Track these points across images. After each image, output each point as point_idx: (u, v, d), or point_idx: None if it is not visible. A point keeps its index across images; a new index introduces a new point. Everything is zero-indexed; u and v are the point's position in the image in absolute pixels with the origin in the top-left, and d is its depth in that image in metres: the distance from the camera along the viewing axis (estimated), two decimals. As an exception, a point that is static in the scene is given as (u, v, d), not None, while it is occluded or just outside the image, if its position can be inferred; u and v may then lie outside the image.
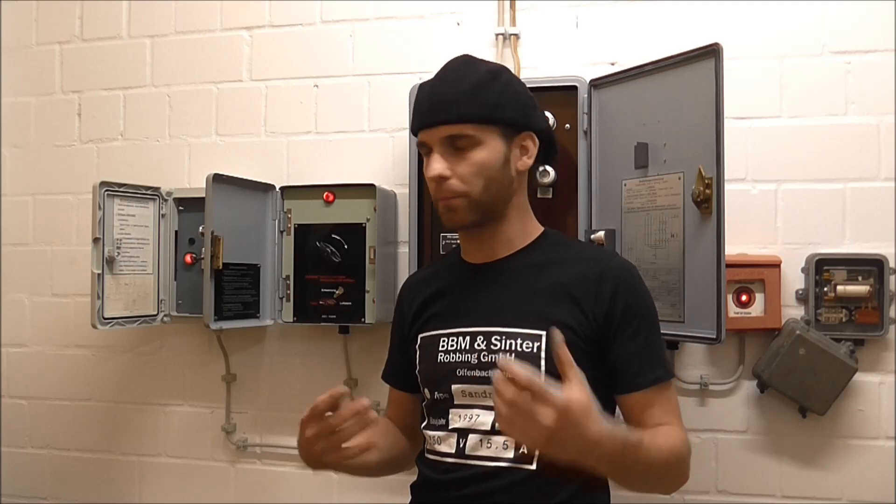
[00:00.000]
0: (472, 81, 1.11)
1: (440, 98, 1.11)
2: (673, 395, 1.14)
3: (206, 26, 1.90)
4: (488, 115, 1.10)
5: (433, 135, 1.11)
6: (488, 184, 1.11)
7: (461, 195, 1.11)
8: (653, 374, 1.11)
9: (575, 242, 1.28)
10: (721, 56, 1.28)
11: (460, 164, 1.10)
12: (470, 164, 1.10)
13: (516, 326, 1.11)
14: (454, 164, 1.10)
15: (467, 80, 1.11)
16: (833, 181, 1.56)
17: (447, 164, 1.10)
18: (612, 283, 1.11)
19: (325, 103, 1.82)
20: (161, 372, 1.91)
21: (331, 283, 1.70)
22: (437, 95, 1.12)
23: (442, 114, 1.10)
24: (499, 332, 1.11)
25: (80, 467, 1.96)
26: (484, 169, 1.10)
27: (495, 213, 1.15)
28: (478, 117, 1.10)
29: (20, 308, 2.01)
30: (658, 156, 1.42)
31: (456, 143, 1.10)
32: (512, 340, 1.10)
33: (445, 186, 1.11)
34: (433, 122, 1.11)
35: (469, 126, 1.10)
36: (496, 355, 1.10)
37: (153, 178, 1.81)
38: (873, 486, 1.53)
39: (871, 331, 1.51)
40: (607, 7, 1.67)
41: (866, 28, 1.55)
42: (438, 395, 1.16)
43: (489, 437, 1.09)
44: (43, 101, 2.01)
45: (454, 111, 1.09)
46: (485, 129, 1.10)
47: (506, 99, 1.12)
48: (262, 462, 1.85)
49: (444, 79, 1.13)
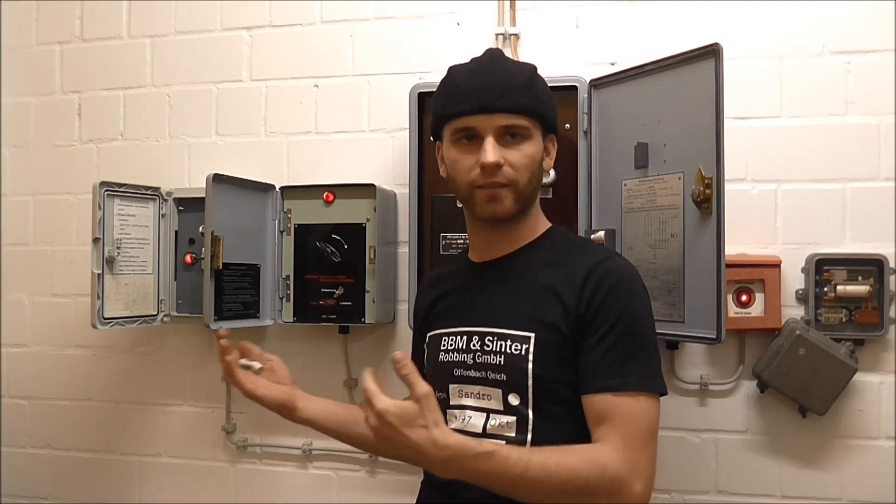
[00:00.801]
0: (526, 75, 1.12)
1: (498, 85, 1.09)
2: (642, 411, 1.01)
3: (206, 26, 1.90)
4: (540, 110, 1.12)
5: (489, 122, 1.08)
6: (532, 177, 1.12)
7: (510, 184, 1.10)
8: (606, 381, 1.02)
9: (578, 241, 1.24)
10: (721, 56, 1.28)
11: (512, 154, 1.09)
12: (523, 155, 1.10)
13: (507, 328, 1.10)
14: (506, 153, 1.09)
15: (519, 72, 1.12)
16: (833, 181, 1.56)
17: (501, 152, 1.09)
18: (593, 283, 1.07)
19: (325, 103, 1.82)
20: (161, 372, 1.91)
21: (331, 283, 1.70)
22: (492, 82, 1.09)
23: (503, 101, 1.08)
24: (492, 333, 1.11)
25: (80, 467, 1.96)
26: (532, 162, 1.11)
27: (528, 208, 1.15)
28: (533, 111, 1.11)
29: (20, 308, 2.01)
30: (658, 156, 1.42)
31: (510, 133, 1.09)
32: (502, 342, 1.09)
33: (499, 174, 1.09)
34: (493, 108, 1.08)
35: (526, 118, 1.10)
36: (488, 357, 1.10)
37: (153, 178, 1.81)
38: (873, 486, 1.53)
39: (871, 331, 1.51)
40: (607, 7, 1.67)
41: (866, 28, 1.55)
42: (439, 395, 1.16)
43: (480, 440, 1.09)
44: (43, 101, 2.01)
45: (515, 100, 1.09)
46: (535, 123, 1.12)
47: (547, 98, 1.14)
48: (262, 462, 1.85)
49: (493, 67, 1.12)
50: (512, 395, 1.08)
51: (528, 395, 1.07)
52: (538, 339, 1.07)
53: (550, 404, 1.07)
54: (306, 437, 1.80)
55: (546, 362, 1.07)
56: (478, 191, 1.11)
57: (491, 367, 1.10)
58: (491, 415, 1.09)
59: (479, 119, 1.09)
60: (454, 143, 1.13)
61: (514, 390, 1.08)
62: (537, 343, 1.07)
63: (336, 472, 1.80)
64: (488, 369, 1.10)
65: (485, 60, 1.14)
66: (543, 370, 1.06)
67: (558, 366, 1.07)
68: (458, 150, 1.12)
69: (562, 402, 1.07)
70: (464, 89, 1.10)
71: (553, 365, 1.07)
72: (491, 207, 1.11)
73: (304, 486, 1.81)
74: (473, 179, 1.10)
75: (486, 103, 1.08)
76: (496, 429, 1.08)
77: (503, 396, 1.08)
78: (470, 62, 1.15)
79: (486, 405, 1.10)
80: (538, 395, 1.07)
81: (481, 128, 1.09)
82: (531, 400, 1.07)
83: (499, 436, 1.07)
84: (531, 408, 1.07)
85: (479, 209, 1.12)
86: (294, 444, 1.82)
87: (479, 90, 1.09)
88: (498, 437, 1.07)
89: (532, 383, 1.06)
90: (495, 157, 1.07)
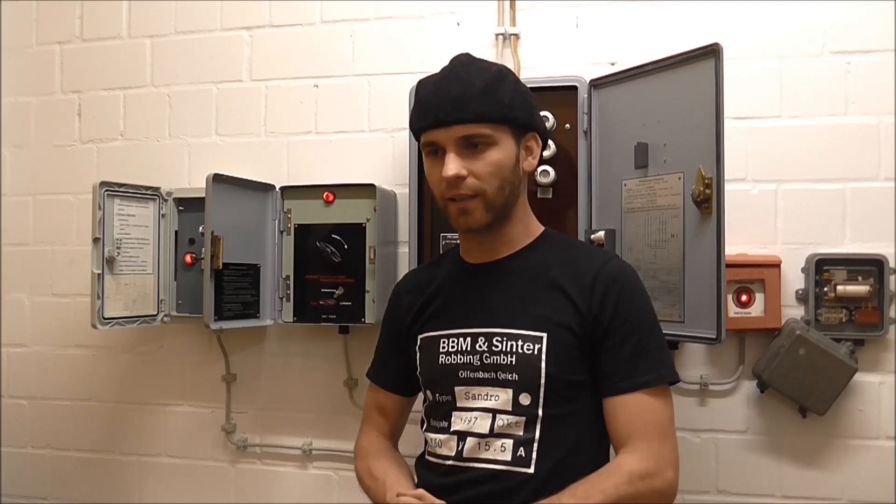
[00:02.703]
0: (485, 80, 1.09)
1: (453, 97, 1.08)
2: (659, 405, 1.07)
3: (206, 26, 1.90)
4: (503, 114, 1.09)
5: (448, 134, 1.08)
6: (502, 184, 1.10)
7: (476, 196, 1.09)
8: (637, 378, 1.07)
9: (575, 243, 1.27)
10: (721, 56, 1.28)
11: (476, 164, 1.08)
12: (487, 164, 1.09)
13: (517, 328, 1.10)
14: (469, 164, 1.08)
15: (479, 78, 1.09)
16: (833, 181, 1.56)
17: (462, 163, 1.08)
18: (603, 285, 1.10)
19: (325, 103, 1.82)
20: (161, 372, 1.91)
21: (331, 283, 1.70)
22: (448, 94, 1.08)
23: (457, 113, 1.07)
24: (500, 333, 1.11)
25: (80, 467, 1.96)
26: (500, 169, 1.09)
27: (506, 214, 1.14)
28: (494, 117, 1.08)
29: (20, 308, 2.01)
30: (658, 156, 1.42)
31: (471, 143, 1.08)
32: (513, 342, 1.10)
33: (462, 186, 1.08)
34: (448, 121, 1.08)
35: (486, 125, 1.08)
36: (498, 357, 1.10)
37: (153, 178, 1.81)
38: (873, 486, 1.53)
39: (871, 331, 1.51)
40: (607, 7, 1.67)
41: (866, 28, 1.55)
42: (441, 398, 1.16)
43: (487, 440, 1.09)
44: (43, 101, 2.01)
45: (471, 110, 1.07)
46: (499, 128, 1.09)
47: (516, 99, 1.11)
48: (262, 462, 1.85)
49: (453, 78, 1.10)
50: (523, 395, 1.08)
51: (539, 394, 1.08)
52: (551, 339, 1.08)
53: (560, 403, 1.08)
54: (306, 437, 1.80)
55: (559, 362, 1.08)
56: (450, 203, 1.12)
57: (501, 368, 1.10)
58: (498, 415, 1.09)
59: (438, 133, 1.09)
60: (426, 157, 1.14)
61: (525, 390, 1.08)
62: (550, 343, 1.08)
63: (336, 472, 1.80)
64: (498, 370, 1.10)
65: (448, 71, 1.13)
66: (556, 369, 1.07)
67: (570, 365, 1.09)
68: (429, 164, 1.13)
69: (570, 399, 1.09)
70: (425, 103, 1.11)
71: (565, 364, 1.08)
72: (463, 220, 1.12)
73: (304, 486, 1.81)
74: (443, 192, 1.11)
75: (440, 117, 1.08)
76: (503, 429, 1.09)
77: (513, 396, 1.09)
78: (437, 73, 1.14)
79: (493, 405, 1.10)
80: (549, 394, 1.07)
81: (442, 141, 1.09)
82: (542, 399, 1.07)
83: (506, 435, 1.08)
84: (541, 407, 1.07)
85: (453, 221, 1.14)
86: (294, 444, 1.82)
87: (437, 104, 1.09)
88: (505, 436, 1.08)
89: (545, 382, 1.07)
90: (455, 170, 1.07)
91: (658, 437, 1.06)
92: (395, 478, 1.15)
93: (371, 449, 1.26)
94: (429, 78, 1.15)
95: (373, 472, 1.20)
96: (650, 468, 1.03)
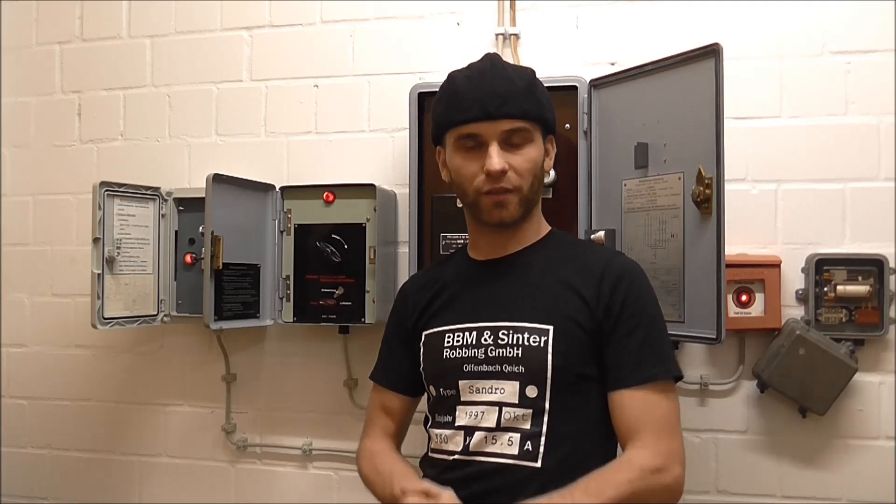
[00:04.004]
0: (525, 80, 1.13)
1: (501, 92, 1.10)
2: (666, 400, 1.08)
3: (206, 26, 1.90)
4: (540, 113, 1.14)
5: (493, 128, 1.10)
6: (534, 181, 1.14)
7: (515, 190, 1.12)
8: (644, 372, 1.08)
9: (581, 241, 1.30)
10: (721, 56, 1.28)
11: (515, 159, 1.11)
12: (526, 160, 1.12)
13: (523, 321, 1.11)
14: (509, 158, 1.11)
15: (519, 78, 1.13)
16: (833, 181, 1.56)
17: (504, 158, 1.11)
18: (612, 280, 1.11)
19: (325, 103, 1.82)
20: (161, 372, 1.91)
21: (331, 283, 1.70)
22: (495, 89, 1.11)
23: (505, 107, 1.10)
24: (506, 327, 1.12)
25: (80, 467, 1.96)
26: (535, 165, 1.13)
27: (532, 210, 1.17)
28: (534, 115, 1.13)
29: (20, 308, 2.01)
30: (658, 156, 1.42)
31: (513, 138, 1.11)
32: (519, 335, 1.10)
33: (504, 179, 1.10)
34: (497, 115, 1.10)
35: (528, 122, 1.12)
36: (503, 350, 1.10)
37: (153, 178, 1.81)
38: (873, 486, 1.53)
39: (871, 331, 1.51)
40: (607, 7, 1.67)
41: (866, 28, 1.55)
42: (445, 392, 1.16)
43: (494, 434, 1.09)
44: (43, 101, 2.01)
45: (517, 106, 1.10)
46: (536, 127, 1.14)
47: (548, 101, 1.16)
48: (262, 462, 1.85)
49: (495, 74, 1.13)
50: (530, 388, 1.09)
51: (546, 386, 1.08)
52: (557, 331, 1.09)
53: (566, 396, 1.08)
54: (306, 437, 1.80)
55: (565, 354, 1.08)
56: (484, 197, 1.13)
57: (507, 361, 1.10)
58: (504, 408, 1.09)
59: (482, 126, 1.11)
60: (458, 150, 1.14)
61: (532, 382, 1.09)
62: (556, 335, 1.09)
63: (336, 472, 1.80)
64: (504, 363, 1.10)
65: (485, 66, 1.15)
66: (563, 361, 1.08)
67: (577, 358, 1.09)
68: (463, 157, 1.14)
69: (577, 393, 1.09)
70: (466, 96, 1.12)
71: (572, 357, 1.09)
72: (497, 213, 1.13)
73: (304, 486, 1.81)
74: (479, 186, 1.12)
75: (489, 110, 1.10)
76: (510, 422, 1.09)
77: (520, 389, 1.09)
78: (469, 68, 1.16)
79: (499, 399, 1.10)
80: (556, 387, 1.08)
81: (485, 134, 1.11)
82: (549, 392, 1.08)
83: (513, 428, 1.08)
84: (548, 399, 1.08)
85: (486, 215, 1.14)
86: (294, 444, 1.82)
87: (482, 97, 1.11)
88: (512, 429, 1.08)
89: (551, 374, 1.08)
90: (501, 164, 1.09)
91: (667, 432, 1.07)
92: (402, 472, 1.15)
93: (376, 448, 1.26)
94: (461, 72, 1.16)
95: (378, 468, 1.20)
96: (660, 463, 1.04)
